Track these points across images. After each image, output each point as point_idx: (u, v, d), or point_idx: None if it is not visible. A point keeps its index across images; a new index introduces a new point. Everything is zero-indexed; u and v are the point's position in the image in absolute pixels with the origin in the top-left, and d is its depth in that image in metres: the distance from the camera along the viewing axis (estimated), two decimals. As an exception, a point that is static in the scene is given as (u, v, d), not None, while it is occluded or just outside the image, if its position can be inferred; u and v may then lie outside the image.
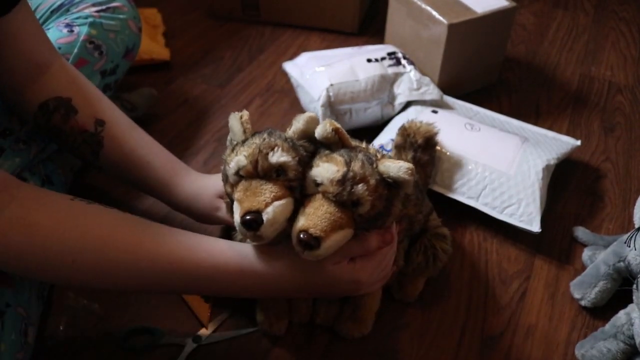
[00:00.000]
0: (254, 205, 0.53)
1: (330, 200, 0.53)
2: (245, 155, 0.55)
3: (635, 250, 0.69)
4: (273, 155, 0.54)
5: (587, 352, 0.68)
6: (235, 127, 0.59)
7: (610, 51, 1.30)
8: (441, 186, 0.87)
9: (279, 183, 0.55)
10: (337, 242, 0.54)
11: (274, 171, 0.54)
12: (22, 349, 0.61)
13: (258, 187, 0.54)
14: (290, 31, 1.32)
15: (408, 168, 0.53)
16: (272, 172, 0.54)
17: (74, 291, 0.74)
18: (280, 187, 0.54)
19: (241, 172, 0.55)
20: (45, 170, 0.80)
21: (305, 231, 0.52)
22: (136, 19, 0.92)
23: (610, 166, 0.99)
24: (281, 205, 0.53)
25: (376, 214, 0.55)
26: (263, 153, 0.54)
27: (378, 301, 0.72)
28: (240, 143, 0.57)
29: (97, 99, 0.72)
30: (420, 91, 0.99)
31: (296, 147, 0.57)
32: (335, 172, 0.53)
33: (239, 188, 0.55)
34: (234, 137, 0.59)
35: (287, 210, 0.55)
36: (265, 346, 0.71)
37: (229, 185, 0.57)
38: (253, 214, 0.52)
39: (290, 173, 0.55)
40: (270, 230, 0.53)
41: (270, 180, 0.54)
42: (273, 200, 0.53)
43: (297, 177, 0.55)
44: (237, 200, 0.55)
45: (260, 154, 0.54)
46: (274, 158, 0.54)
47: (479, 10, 1.01)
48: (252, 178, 0.55)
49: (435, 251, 0.71)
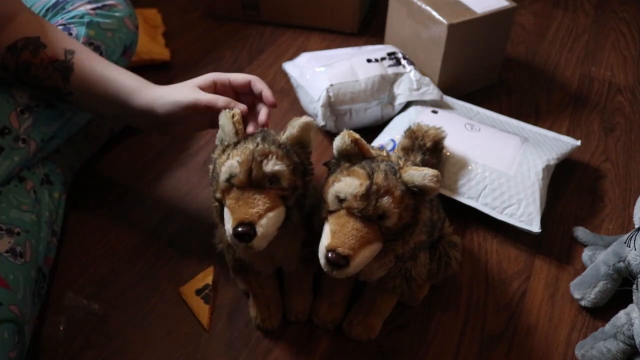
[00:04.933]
0: (246, 217, 0.52)
1: (355, 215, 0.52)
2: (238, 162, 0.53)
3: (635, 250, 0.68)
4: (267, 163, 0.53)
5: (587, 352, 0.68)
6: (227, 127, 0.57)
7: (610, 51, 1.30)
8: (442, 187, 0.86)
9: (272, 193, 0.54)
10: (367, 258, 0.53)
11: (267, 180, 0.54)
12: (15, 348, 0.61)
13: (251, 197, 0.53)
14: (290, 31, 1.32)
15: (433, 175, 0.52)
16: (265, 180, 0.54)
17: (73, 291, 0.74)
18: (273, 198, 0.53)
19: (233, 181, 0.54)
20: (44, 169, 0.80)
21: (333, 250, 0.51)
22: (132, 16, 0.92)
23: (610, 166, 0.99)
24: (274, 216, 0.53)
25: (404, 225, 0.54)
26: (257, 161, 0.53)
27: (390, 308, 0.71)
28: (232, 145, 0.56)
29: (65, 36, 0.74)
30: (420, 91, 0.99)
31: (290, 154, 0.56)
32: (358, 187, 0.52)
33: (230, 196, 0.54)
34: (225, 138, 0.58)
35: (279, 221, 0.54)
36: (266, 346, 0.71)
37: (219, 190, 0.56)
38: (246, 227, 0.51)
39: (284, 182, 0.54)
40: (262, 242, 0.53)
41: (263, 189, 0.53)
42: (266, 212, 0.52)
43: (290, 187, 0.55)
44: (229, 209, 0.54)
45: (254, 162, 0.53)
46: (268, 167, 0.53)
47: (479, 11, 1.01)
48: (244, 186, 0.54)
49: (449, 259, 0.70)
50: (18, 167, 0.74)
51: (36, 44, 0.70)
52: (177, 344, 0.71)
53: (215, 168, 0.57)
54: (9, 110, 0.73)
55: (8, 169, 0.72)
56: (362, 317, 0.70)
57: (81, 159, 0.92)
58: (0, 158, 0.71)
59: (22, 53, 0.70)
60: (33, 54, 0.70)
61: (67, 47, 0.71)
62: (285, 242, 0.63)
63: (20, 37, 0.70)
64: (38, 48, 0.70)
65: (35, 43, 0.70)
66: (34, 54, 0.70)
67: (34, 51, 0.70)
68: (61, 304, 0.73)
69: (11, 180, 0.75)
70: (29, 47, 0.70)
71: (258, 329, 0.72)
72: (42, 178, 0.79)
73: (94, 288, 0.76)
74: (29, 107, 0.75)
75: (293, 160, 0.55)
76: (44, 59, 0.70)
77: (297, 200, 0.57)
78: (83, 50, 0.73)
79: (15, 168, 0.74)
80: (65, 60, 0.70)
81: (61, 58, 0.70)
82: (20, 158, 0.74)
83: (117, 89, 0.70)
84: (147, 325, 0.72)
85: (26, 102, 0.75)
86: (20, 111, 0.74)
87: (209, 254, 0.79)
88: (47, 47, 0.70)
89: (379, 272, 0.63)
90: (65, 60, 0.70)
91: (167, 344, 0.71)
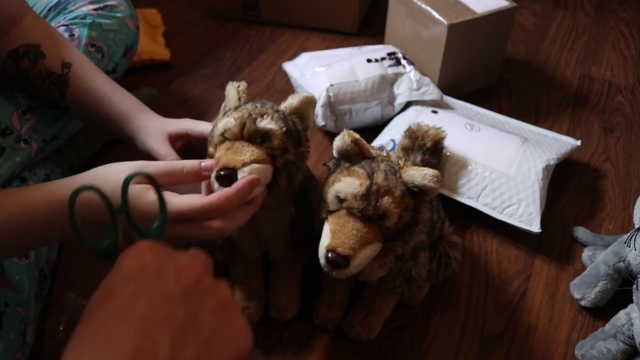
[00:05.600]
0: (230, 162, 0.52)
1: (355, 215, 0.52)
2: (234, 118, 0.55)
3: (635, 250, 0.69)
4: (262, 121, 0.54)
5: (587, 352, 0.68)
6: (231, 94, 0.58)
7: (610, 51, 1.30)
8: (442, 187, 0.86)
9: (262, 148, 0.54)
10: (367, 258, 0.53)
11: (259, 136, 0.54)
12: (21, 349, 0.61)
13: (239, 148, 0.54)
14: (290, 31, 1.32)
15: (433, 175, 0.52)
16: (257, 136, 0.54)
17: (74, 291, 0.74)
18: (262, 152, 0.54)
19: (226, 134, 0.55)
20: (45, 170, 0.81)
21: (333, 250, 0.51)
22: (133, 17, 0.92)
23: (610, 166, 0.99)
24: (259, 168, 0.53)
25: (404, 225, 0.54)
26: (252, 117, 0.54)
27: (390, 308, 0.72)
28: (232, 109, 0.57)
29: (65, 44, 0.73)
30: (420, 91, 0.99)
31: (287, 119, 0.56)
32: (358, 187, 0.52)
33: (221, 147, 0.55)
34: (228, 104, 0.59)
35: (264, 175, 0.54)
36: (266, 346, 0.71)
37: (212, 145, 0.57)
38: (228, 170, 0.52)
39: (275, 141, 0.54)
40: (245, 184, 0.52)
41: (253, 143, 0.54)
42: (252, 162, 0.52)
43: (281, 147, 0.55)
44: (216, 157, 0.54)
45: (249, 118, 0.54)
46: (262, 124, 0.54)
47: (479, 11, 1.01)
48: (236, 139, 0.54)
49: (449, 259, 0.71)
50: (19, 168, 0.74)
51: (36, 53, 0.70)
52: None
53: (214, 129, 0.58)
54: (10, 111, 0.73)
55: (9, 170, 0.72)
56: (362, 317, 0.70)
57: (82, 159, 0.92)
58: (2, 159, 0.71)
59: (23, 61, 0.69)
60: (32, 63, 0.70)
61: (65, 59, 0.71)
62: (272, 220, 0.63)
63: (22, 43, 0.69)
64: (37, 57, 0.70)
65: (36, 51, 0.70)
66: (34, 64, 0.70)
67: (34, 60, 0.70)
68: (61, 304, 0.73)
69: (13, 181, 0.75)
70: (29, 55, 0.69)
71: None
72: (43, 178, 0.79)
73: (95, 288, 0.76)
74: (31, 108, 0.75)
75: (288, 125, 0.56)
76: (42, 70, 0.70)
77: (286, 165, 0.56)
78: (80, 62, 0.72)
79: (17, 169, 0.74)
80: (62, 74, 0.70)
81: (58, 71, 0.70)
82: (22, 159, 0.74)
83: (109, 113, 0.71)
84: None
85: (28, 102, 0.75)
86: (22, 112, 0.74)
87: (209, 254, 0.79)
88: (46, 57, 0.70)
89: (379, 272, 0.63)
90: (62, 74, 0.70)
91: (167, 344, 0.71)
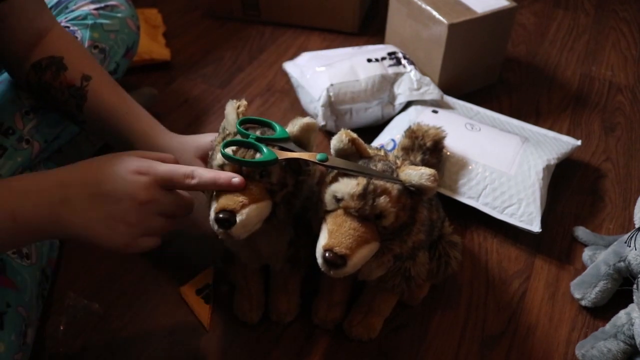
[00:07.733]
0: (229, 204, 0.52)
1: (352, 215, 0.52)
2: (233, 151, 0.55)
3: (635, 250, 0.68)
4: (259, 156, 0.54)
5: (588, 352, 0.68)
6: (230, 116, 0.58)
7: (610, 51, 1.30)
8: (442, 187, 0.87)
9: (260, 185, 0.54)
10: (364, 258, 0.53)
11: (257, 172, 0.54)
12: (21, 350, 0.61)
13: None
14: (291, 31, 1.32)
15: (430, 174, 0.52)
16: (256, 173, 0.54)
17: (74, 291, 0.74)
18: (260, 190, 0.54)
19: (226, 169, 0.55)
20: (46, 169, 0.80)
21: (330, 250, 0.51)
22: (134, 17, 0.92)
23: (610, 166, 0.99)
24: (257, 208, 0.53)
25: (401, 224, 0.54)
26: (250, 153, 0.54)
27: (390, 308, 0.72)
28: (232, 134, 0.57)
29: (87, 57, 0.74)
30: (421, 91, 0.99)
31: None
32: (355, 186, 0.52)
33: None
34: (227, 127, 0.59)
35: (262, 214, 0.54)
36: (266, 346, 0.71)
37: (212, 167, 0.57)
38: (227, 213, 0.52)
39: (274, 177, 0.55)
40: (242, 231, 0.53)
41: (252, 181, 0.54)
42: (250, 203, 0.53)
43: (279, 182, 0.55)
44: (214, 195, 0.54)
45: (247, 153, 0.54)
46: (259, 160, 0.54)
47: (479, 10, 1.01)
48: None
49: (449, 259, 0.70)
50: (21, 168, 0.74)
51: (59, 66, 0.70)
52: (178, 344, 0.71)
53: (213, 154, 0.58)
54: (14, 111, 0.73)
55: (11, 170, 0.72)
56: (362, 316, 0.70)
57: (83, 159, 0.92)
58: (4, 158, 0.71)
59: (45, 73, 0.70)
60: (54, 75, 0.70)
61: (85, 72, 0.71)
62: (271, 239, 0.63)
63: (46, 55, 0.70)
64: (60, 70, 0.70)
65: (58, 64, 0.70)
66: (55, 77, 0.70)
67: (56, 73, 0.70)
68: (61, 304, 0.73)
69: (13, 181, 0.75)
70: (51, 67, 0.70)
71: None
72: (43, 178, 0.79)
73: (95, 288, 0.77)
74: (34, 108, 0.75)
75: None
76: (62, 83, 0.70)
77: (285, 197, 0.57)
78: (100, 77, 0.72)
79: (19, 168, 0.74)
80: (81, 87, 0.70)
81: (77, 84, 0.70)
82: (24, 158, 0.74)
83: (126, 130, 0.72)
84: (147, 325, 0.73)
85: (32, 103, 0.75)
86: (25, 112, 0.74)
87: (209, 254, 0.79)
88: (68, 70, 0.70)
89: (378, 271, 0.63)
90: (81, 87, 0.70)
91: (167, 343, 0.71)
